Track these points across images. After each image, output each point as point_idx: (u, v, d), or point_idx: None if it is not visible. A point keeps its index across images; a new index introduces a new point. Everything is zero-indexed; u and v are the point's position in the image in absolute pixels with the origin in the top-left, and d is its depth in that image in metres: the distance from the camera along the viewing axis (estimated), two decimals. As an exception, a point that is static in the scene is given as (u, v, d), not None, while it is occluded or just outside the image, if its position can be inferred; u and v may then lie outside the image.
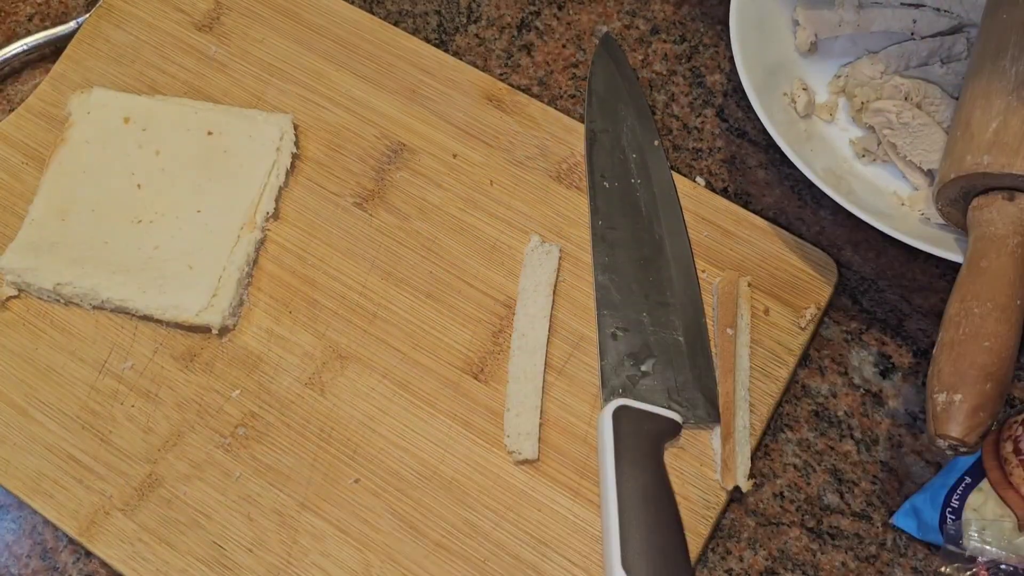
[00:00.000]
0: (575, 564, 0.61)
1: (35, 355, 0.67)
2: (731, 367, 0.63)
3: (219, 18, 0.76)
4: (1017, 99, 0.59)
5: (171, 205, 0.69)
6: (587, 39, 0.77)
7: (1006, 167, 0.58)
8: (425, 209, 0.70)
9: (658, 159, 0.70)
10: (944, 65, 0.71)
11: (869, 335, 0.68)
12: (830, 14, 0.72)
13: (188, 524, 0.62)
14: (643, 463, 0.60)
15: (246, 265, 0.67)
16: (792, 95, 0.71)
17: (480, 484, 0.63)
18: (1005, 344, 0.56)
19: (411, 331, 0.66)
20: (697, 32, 0.78)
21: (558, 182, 0.70)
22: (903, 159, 0.69)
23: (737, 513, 0.64)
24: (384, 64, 0.74)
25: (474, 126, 0.72)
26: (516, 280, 0.67)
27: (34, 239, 0.68)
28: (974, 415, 0.54)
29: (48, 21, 0.80)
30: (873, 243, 0.70)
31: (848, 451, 0.65)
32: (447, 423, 0.64)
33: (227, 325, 0.66)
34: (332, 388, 0.65)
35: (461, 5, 0.79)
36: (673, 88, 0.76)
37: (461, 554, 0.61)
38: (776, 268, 0.67)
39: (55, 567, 0.64)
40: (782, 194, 0.72)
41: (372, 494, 0.63)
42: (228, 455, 0.64)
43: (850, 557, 0.62)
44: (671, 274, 0.66)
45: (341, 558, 0.61)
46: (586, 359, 0.65)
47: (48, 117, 0.74)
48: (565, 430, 0.64)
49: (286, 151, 0.70)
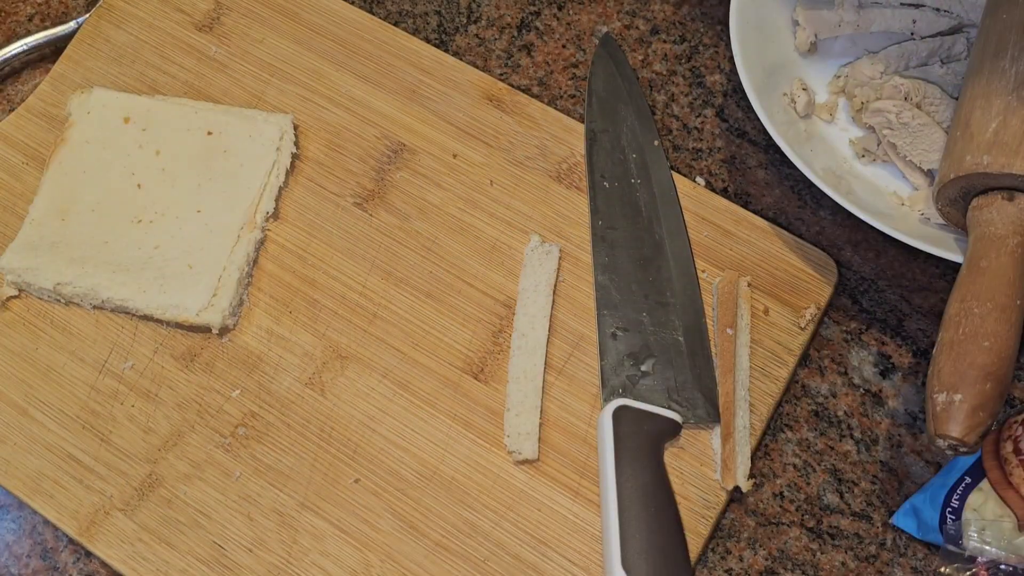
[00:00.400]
0: (575, 564, 0.61)
1: (35, 355, 0.67)
2: (731, 367, 0.63)
3: (219, 18, 0.76)
4: (1017, 99, 0.60)
5: (171, 205, 0.69)
6: (587, 39, 0.77)
7: (1006, 167, 0.58)
8: (425, 209, 0.70)
9: (658, 159, 0.70)
10: (944, 65, 0.71)
11: (869, 335, 0.68)
12: (830, 14, 0.72)
13: (188, 524, 0.62)
14: (643, 463, 0.60)
15: (246, 265, 0.67)
16: (792, 95, 0.71)
17: (480, 484, 0.63)
18: (1005, 344, 0.56)
19: (411, 331, 0.67)
20: (697, 32, 0.78)
21: (558, 182, 0.70)
22: (903, 159, 0.69)
23: (737, 513, 0.64)
24: (384, 64, 0.74)
25: (474, 126, 0.72)
26: (516, 280, 0.67)
27: (34, 239, 0.68)
28: (974, 415, 0.54)
29: (48, 21, 0.80)
30: (873, 243, 0.70)
31: (848, 451, 0.65)
32: (447, 423, 0.64)
33: (227, 325, 0.66)
34: (332, 388, 0.65)
35: (461, 5, 0.79)
36: (673, 88, 0.76)
37: (461, 554, 0.61)
38: (776, 268, 0.67)
39: (55, 567, 0.64)
40: (782, 194, 0.72)
41: (372, 494, 0.63)
42: (228, 455, 0.64)
43: (850, 557, 0.62)
44: (671, 274, 0.66)
45: (341, 558, 0.61)
46: (586, 359, 0.65)
47: (48, 117, 0.74)
48: (565, 430, 0.64)
49: (286, 151, 0.70)
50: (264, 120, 0.71)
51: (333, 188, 0.71)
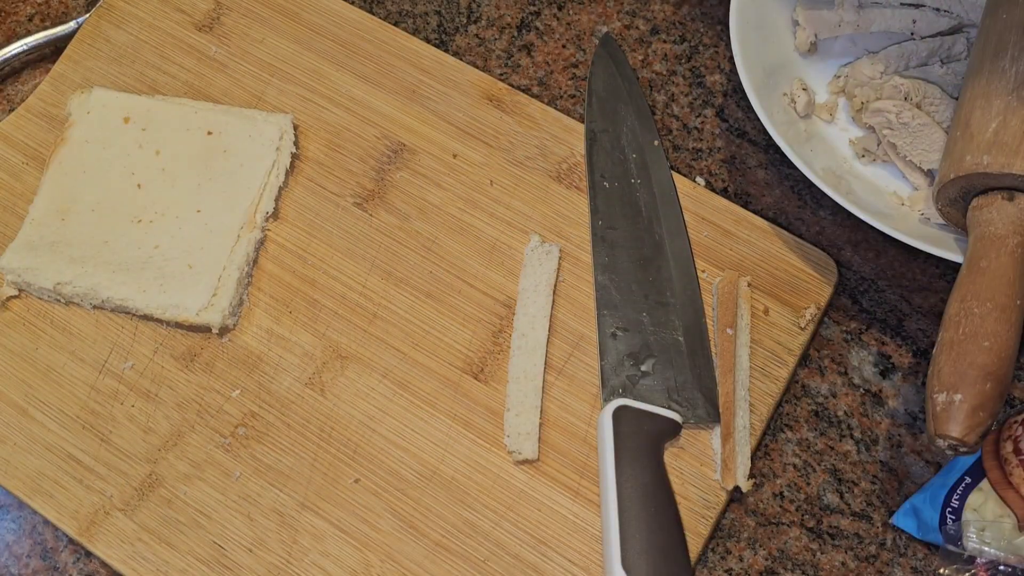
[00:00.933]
0: (575, 564, 0.61)
1: (35, 355, 0.67)
2: (731, 367, 0.63)
3: (219, 18, 0.76)
4: (1017, 99, 0.60)
5: (171, 205, 0.69)
6: (587, 39, 0.77)
7: (1006, 167, 0.58)
8: (425, 209, 0.70)
9: (658, 159, 0.70)
10: (944, 65, 0.71)
11: (869, 335, 0.68)
12: (830, 14, 0.72)
13: (188, 524, 0.62)
14: (643, 463, 0.60)
15: (246, 265, 0.67)
16: (792, 95, 0.71)
17: (480, 484, 0.63)
18: (1005, 344, 0.56)
19: (411, 331, 0.67)
20: (697, 32, 0.78)
21: (558, 182, 0.70)
22: (903, 159, 0.69)
23: (737, 513, 0.64)
24: (384, 64, 0.74)
25: (474, 126, 0.72)
26: (516, 280, 0.67)
27: (34, 239, 0.68)
28: (974, 415, 0.54)
29: (48, 21, 0.80)
30: (873, 243, 0.70)
31: (848, 451, 0.65)
32: (447, 423, 0.64)
33: (227, 325, 0.66)
34: (332, 388, 0.65)
35: (461, 5, 0.79)
36: (673, 88, 0.76)
37: (461, 554, 0.61)
38: (776, 268, 0.67)
39: (55, 567, 0.64)
40: (782, 194, 0.72)
41: (372, 494, 0.63)
42: (228, 455, 0.64)
43: (850, 557, 0.62)
44: (671, 274, 0.66)
45: (341, 558, 0.61)
46: (586, 359, 0.65)
47: (48, 117, 0.74)
48: (565, 430, 0.64)
49: (286, 151, 0.70)
50: (264, 120, 0.71)
51: (333, 188, 0.71)
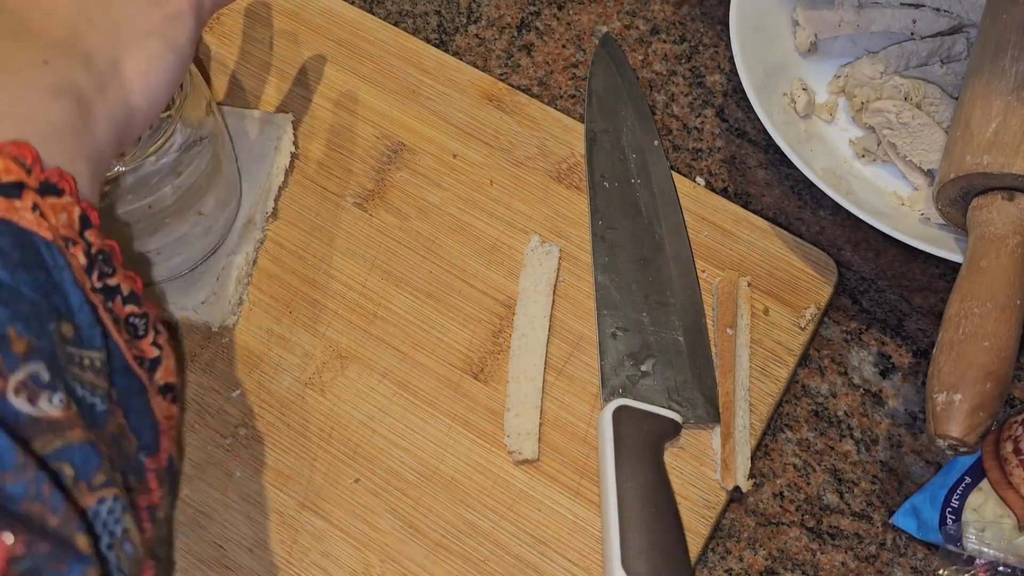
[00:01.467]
0: (575, 564, 0.61)
1: (35, 355, 0.67)
2: (731, 367, 0.63)
3: (219, 18, 0.76)
4: (1017, 99, 0.60)
5: (171, 205, 0.69)
6: (587, 39, 0.77)
7: (1006, 167, 0.58)
8: (425, 209, 0.70)
9: (658, 159, 0.70)
10: (944, 65, 0.71)
11: (869, 335, 0.68)
12: (830, 14, 0.72)
13: (188, 524, 0.62)
14: (643, 463, 0.60)
15: (246, 264, 0.67)
16: (792, 95, 0.71)
17: (480, 484, 0.63)
18: (1005, 344, 0.56)
19: (411, 331, 0.66)
20: (697, 32, 0.78)
21: (558, 182, 0.70)
22: (903, 159, 0.69)
23: (737, 513, 0.64)
24: (384, 64, 0.74)
25: (474, 126, 0.72)
26: (516, 280, 0.67)
27: (34, 239, 0.68)
28: (974, 415, 0.54)
29: (48, 21, 0.80)
30: (873, 243, 0.70)
31: (848, 451, 0.65)
32: (447, 423, 0.64)
33: (227, 324, 0.66)
34: (332, 388, 0.65)
35: (461, 5, 0.79)
36: (673, 88, 0.76)
37: (461, 554, 0.61)
38: (776, 268, 0.67)
39: (55, 567, 0.64)
40: (782, 194, 0.72)
41: (372, 494, 0.63)
42: (228, 455, 0.64)
43: (850, 557, 0.62)
44: (671, 274, 0.66)
45: (341, 558, 0.61)
46: (586, 359, 0.65)
47: (48, 117, 0.74)
48: (565, 430, 0.64)
49: (286, 151, 0.70)
50: (264, 120, 0.71)
51: (333, 188, 0.71)
